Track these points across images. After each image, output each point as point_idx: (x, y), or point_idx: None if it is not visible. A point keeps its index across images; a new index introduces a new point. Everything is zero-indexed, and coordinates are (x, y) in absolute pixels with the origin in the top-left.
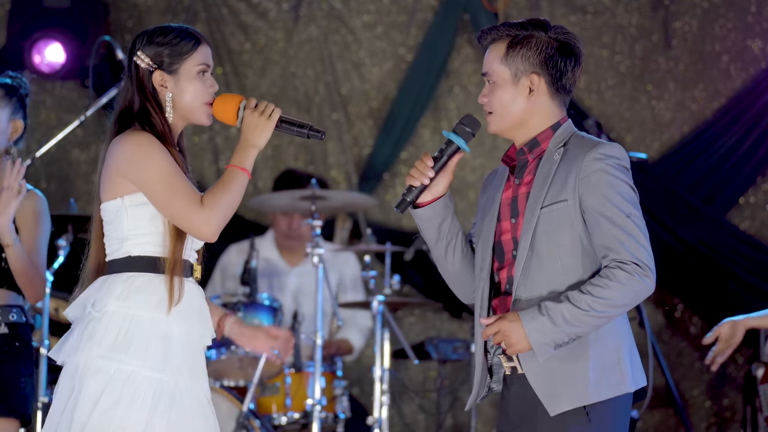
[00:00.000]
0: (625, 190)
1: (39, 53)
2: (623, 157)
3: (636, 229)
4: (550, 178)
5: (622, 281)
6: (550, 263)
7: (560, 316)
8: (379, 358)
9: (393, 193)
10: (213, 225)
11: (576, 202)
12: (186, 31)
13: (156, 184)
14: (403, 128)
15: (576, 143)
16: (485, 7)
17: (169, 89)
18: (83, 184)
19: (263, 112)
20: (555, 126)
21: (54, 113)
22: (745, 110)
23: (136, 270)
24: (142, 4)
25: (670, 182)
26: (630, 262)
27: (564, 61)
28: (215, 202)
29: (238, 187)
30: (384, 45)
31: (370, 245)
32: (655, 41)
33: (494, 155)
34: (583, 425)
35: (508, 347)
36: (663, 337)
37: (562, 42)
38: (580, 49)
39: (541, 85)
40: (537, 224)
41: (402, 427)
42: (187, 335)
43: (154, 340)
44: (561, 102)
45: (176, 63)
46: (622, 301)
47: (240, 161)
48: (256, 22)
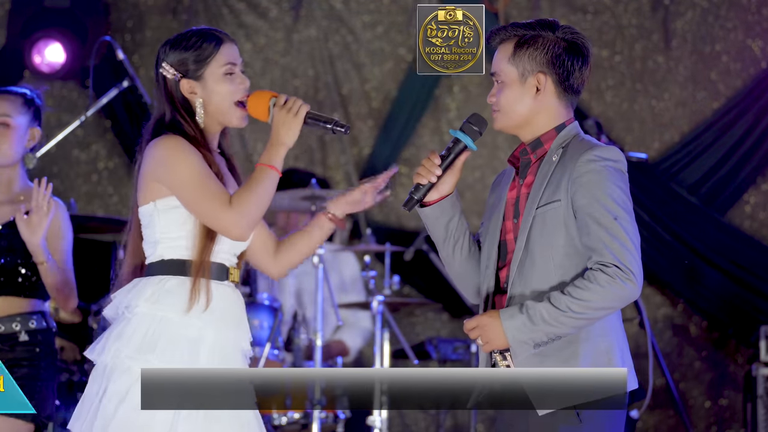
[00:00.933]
0: (617, 193)
1: (39, 53)
2: (619, 160)
3: (622, 232)
4: (547, 179)
5: (601, 284)
6: (543, 263)
7: (539, 316)
8: (379, 358)
9: (393, 193)
10: (241, 225)
11: (568, 203)
12: (207, 32)
13: (186, 186)
14: (403, 128)
15: (575, 146)
16: (485, 7)
17: (199, 95)
18: (83, 184)
19: (290, 109)
20: (560, 127)
21: (54, 113)
22: (745, 110)
23: (168, 273)
24: (142, 4)
25: (670, 182)
26: (612, 264)
27: (571, 61)
28: (243, 202)
29: (266, 186)
30: (384, 45)
31: (370, 245)
32: (655, 41)
33: (495, 155)
34: (573, 426)
35: (485, 344)
36: (663, 337)
37: (569, 42)
38: (588, 49)
39: (548, 84)
40: (532, 224)
41: (402, 427)
42: (218, 339)
43: (181, 342)
44: (568, 103)
45: (201, 68)
46: (601, 304)
47: (269, 159)
48: (256, 22)
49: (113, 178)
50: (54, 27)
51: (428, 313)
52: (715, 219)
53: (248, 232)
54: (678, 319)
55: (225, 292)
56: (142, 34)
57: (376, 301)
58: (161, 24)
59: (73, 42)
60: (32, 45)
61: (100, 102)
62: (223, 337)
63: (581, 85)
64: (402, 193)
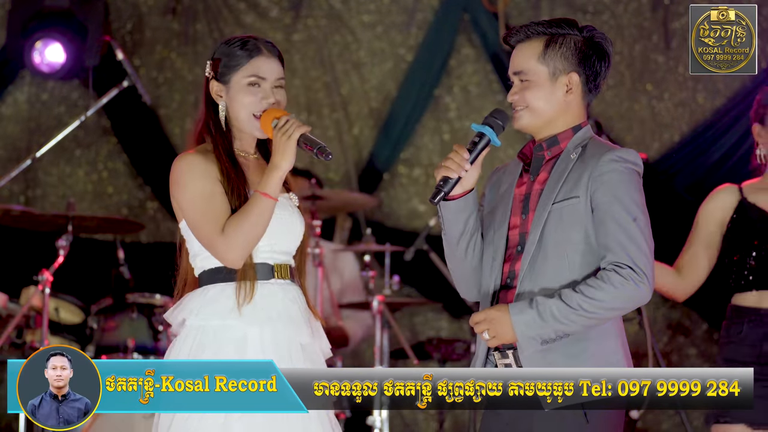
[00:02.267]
0: (636, 196)
1: (39, 53)
2: (638, 164)
3: (639, 234)
4: (565, 176)
5: (615, 284)
6: (556, 259)
7: (549, 312)
8: (378, 358)
9: (393, 193)
10: (233, 251)
11: (587, 200)
12: (249, 40)
13: (187, 211)
14: (403, 128)
15: (594, 145)
16: (485, 7)
17: (223, 98)
18: (83, 184)
19: (285, 131)
20: (576, 128)
21: (54, 113)
22: (745, 110)
23: (210, 282)
24: (142, 4)
25: (670, 182)
26: (626, 266)
27: (599, 62)
28: (234, 228)
29: (258, 212)
30: (384, 45)
31: (370, 245)
32: (655, 41)
33: (494, 155)
34: (580, 425)
35: (492, 338)
36: (663, 337)
37: (596, 42)
38: (611, 51)
39: (576, 83)
40: (547, 219)
41: (402, 427)
42: (264, 336)
43: (226, 345)
44: (587, 103)
45: (228, 73)
46: (613, 305)
47: (262, 185)
48: (256, 22)
49: (113, 178)
50: (54, 27)
51: (428, 313)
52: None
53: (240, 258)
54: (678, 319)
55: (270, 290)
56: (142, 34)
57: (376, 301)
58: (161, 24)
59: (73, 42)
60: (32, 45)
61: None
62: (270, 333)
63: (601, 87)
64: (401, 193)
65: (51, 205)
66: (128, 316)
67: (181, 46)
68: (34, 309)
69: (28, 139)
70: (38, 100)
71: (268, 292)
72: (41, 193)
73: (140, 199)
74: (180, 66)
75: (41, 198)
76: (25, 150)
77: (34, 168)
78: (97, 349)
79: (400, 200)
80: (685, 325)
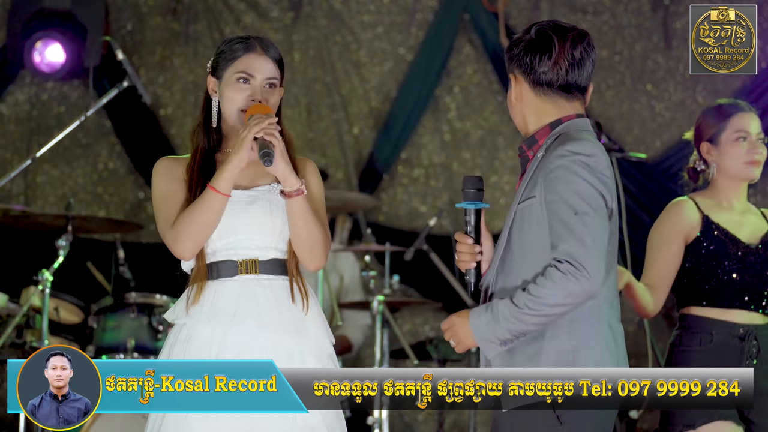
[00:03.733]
0: (582, 188)
1: (39, 53)
2: (591, 154)
3: (581, 227)
4: (530, 176)
5: (554, 280)
6: (520, 259)
7: (500, 313)
8: (378, 358)
9: (393, 193)
10: (179, 243)
11: (542, 199)
12: (248, 38)
13: (154, 209)
14: (403, 128)
15: (558, 141)
16: (485, 7)
17: (217, 93)
18: (83, 184)
19: (245, 129)
20: (555, 123)
21: (54, 113)
22: None
23: (192, 282)
24: (142, 4)
25: (670, 182)
26: (564, 260)
27: (530, 56)
28: (180, 220)
29: (204, 207)
30: (384, 45)
31: (370, 245)
32: (655, 41)
33: (495, 155)
34: (553, 428)
35: (457, 344)
36: (663, 337)
37: (529, 39)
38: (554, 38)
39: (521, 83)
40: (513, 220)
41: (402, 427)
42: (213, 332)
43: (176, 345)
44: (553, 98)
45: (222, 68)
46: (555, 300)
47: (213, 179)
48: (256, 22)
49: (113, 178)
50: (54, 27)
51: (428, 313)
52: None
53: (189, 251)
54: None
55: (227, 288)
56: (142, 34)
57: (376, 301)
58: (161, 24)
59: (73, 42)
60: (32, 45)
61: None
62: (219, 330)
63: (555, 78)
64: (402, 193)
65: (51, 205)
66: (128, 316)
67: (181, 46)
68: (34, 309)
69: (28, 139)
70: (38, 100)
71: (221, 290)
72: (41, 193)
73: (140, 199)
74: (180, 66)
75: (41, 198)
76: (25, 150)
77: (34, 168)
78: (97, 349)
79: (400, 200)
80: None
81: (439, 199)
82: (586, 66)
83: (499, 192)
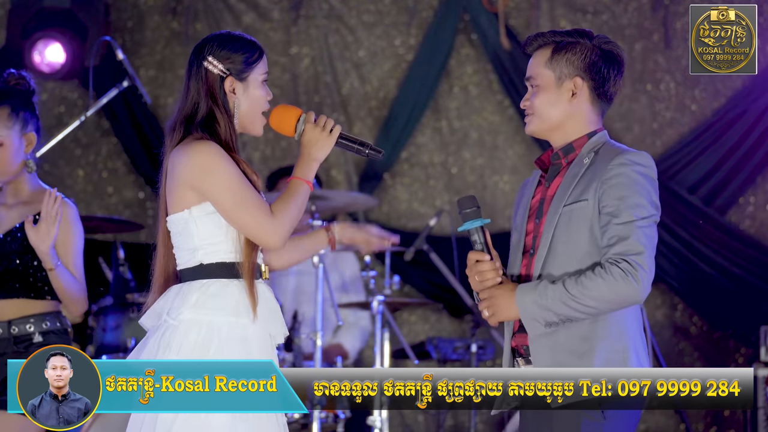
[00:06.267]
0: (642, 198)
1: (39, 53)
2: (649, 166)
3: (641, 234)
4: (576, 180)
5: (614, 275)
6: (566, 260)
7: (549, 296)
8: (379, 358)
9: (393, 193)
10: (281, 234)
11: (596, 203)
12: (251, 40)
13: (224, 194)
14: (403, 128)
15: (607, 150)
16: (485, 7)
17: (237, 96)
18: (83, 184)
19: (324, 127)
20: (591, 134)
21: (54, 113)
22: (745, 110)
23: (210, 277)
24: (142, 4)
25: (670, 182)
26: (623, 260)
27: (607, 69)
28: (283, 211)
29: (302, 198)
30: (384, 45)
31: None
32: (655, 41)
33: (494, 155)
34: (596, 422)
35: (492, 315)
36: (663, 337)
37: (606, 50)
38: (623, 58)
39: (584, 89)
40: (558, 222)
41: (402, 427)
42: (263, 336)
43: (232, 344)
44: (600, 110)
45: (247, 71)
46: (606, 296)
47: (303, 174)
48: (256, 22)
49: (113, 178)
50: (54, 27)
51: (428, 313)
52: (715, 219)
53: (284, 242)
54: (678, 319)
55: (263, 290)
56: (142, 34)
57: (376, 301)
58: (161, 24)
59: (73, 42)
60: (32, 45)
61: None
62: (265, 333)
63: (614, 94)
64: (402, 193)
65: None
66: (128, 316)
67: (181, 46)
68: None
69: None
70: (38, 100)
71: (261, 292)
72: None
73: (140, 199)
74: (180, 66)
75: None
76: None
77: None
78: (97, 349)
79: (400, 200)
80: (685, 326)
81: (439, 199)
82: None
83: (499, 192)
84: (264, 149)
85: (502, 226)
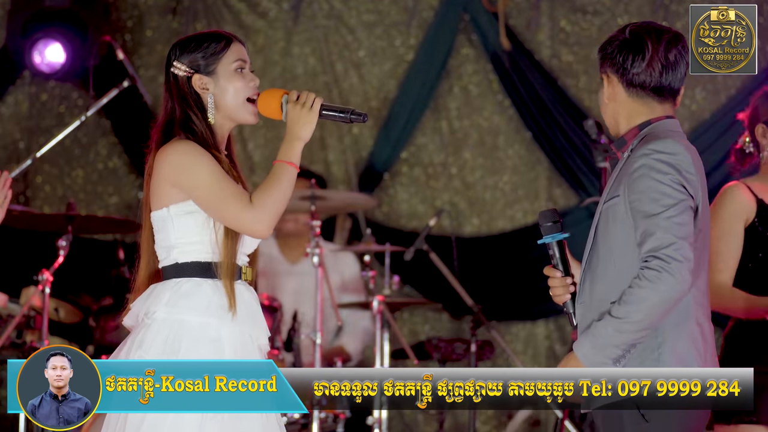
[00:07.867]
0: (667, 186)
1: (39, 53)
2: (674, 152)
3: (669, 224)
4: (615, 176)
5: (648, 279)
6: (605, 257)
7: (600, 333)
8: (378, 358)
9: (393, 193)
10: (264, 222)
11: (625, 199)
12: (216, 32)
13: (205, 189)
14: (403, 128)
15: (643, 141)
16: (485, 7)
17: (210, 91)
18: (83, 184)
19: (305, 103)
20: (644, 125)
21: (54, 113)
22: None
23: (184, 276)
24: (142, 4)
25: None
26: (653, 258)
27: (623, 56)
28: (264, 198)
29: (286, 182)
30: (384, 45)
31: (370, 245)
32: None
33: (494, 155)
34: (639, 426)
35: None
36: None
37: (623, 39)
38: (645, 39)
39: (614, 82)
40: (599, 220)
41: (402, 427)
42: (239, 337)
43: (203, 344)
44: (646, 99)
45: (212, 63)
46: (651, 301)
47: (286, 155)
48: (256, 22)
49: (113, 178)
50: (54, 27)
51: (428, 313)
52: None
53: (270, 230)
54: None
55: (240, 291)
56: (142, 34)
57: (376, 301)
58: (161, 24)
59: (73, 42)
60: (32, 45)
61: (100, 102)
62: (239, 333)
63: (650, 80)
64: (402, 193)
65: (51, 205)
66: None
67: None
68: (34, 309)
69: (28, 139)
70: (38, 100)
71: (239, 293)
72: (41, 193)
73: (140, 199)
74: None
75: (41, 198)
76: (25, 150)
77: (34, 168)
78: (97, 349)
79: (400, 200)
80: None
81: (439, 199)
82: (680, 68)
83: (499, 192)
84: (264, 149)
85: (502, 227)
